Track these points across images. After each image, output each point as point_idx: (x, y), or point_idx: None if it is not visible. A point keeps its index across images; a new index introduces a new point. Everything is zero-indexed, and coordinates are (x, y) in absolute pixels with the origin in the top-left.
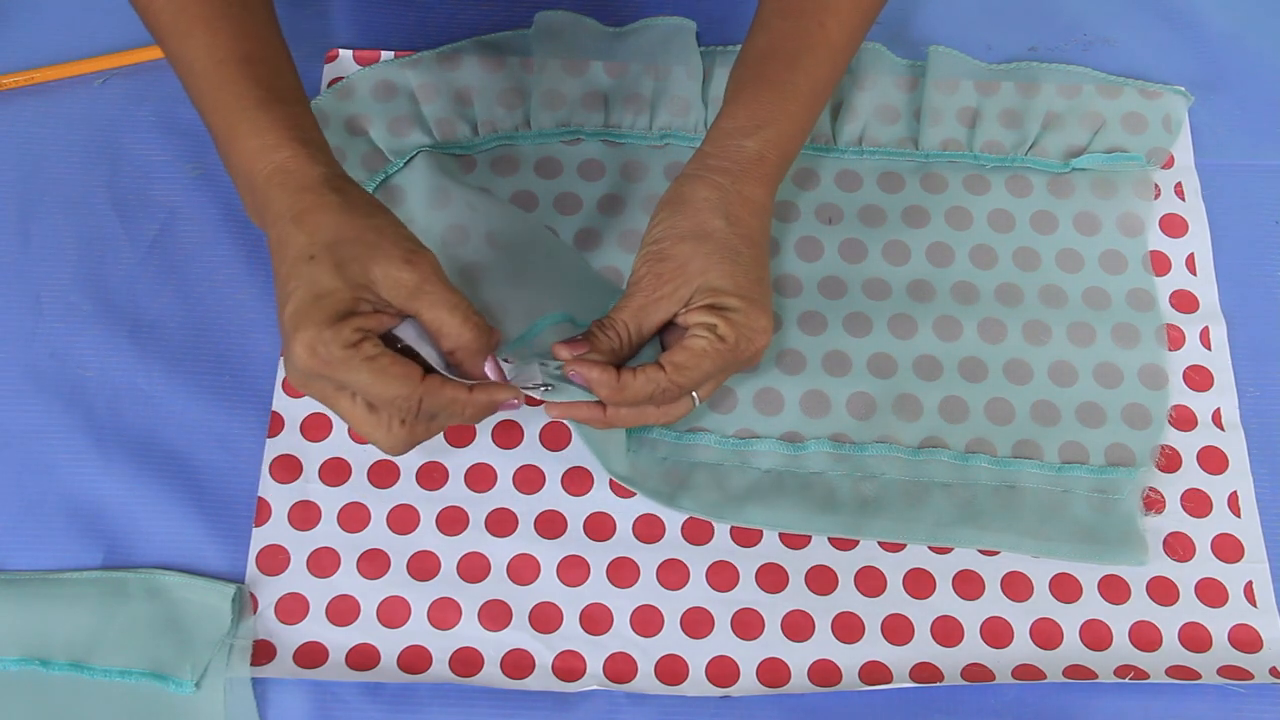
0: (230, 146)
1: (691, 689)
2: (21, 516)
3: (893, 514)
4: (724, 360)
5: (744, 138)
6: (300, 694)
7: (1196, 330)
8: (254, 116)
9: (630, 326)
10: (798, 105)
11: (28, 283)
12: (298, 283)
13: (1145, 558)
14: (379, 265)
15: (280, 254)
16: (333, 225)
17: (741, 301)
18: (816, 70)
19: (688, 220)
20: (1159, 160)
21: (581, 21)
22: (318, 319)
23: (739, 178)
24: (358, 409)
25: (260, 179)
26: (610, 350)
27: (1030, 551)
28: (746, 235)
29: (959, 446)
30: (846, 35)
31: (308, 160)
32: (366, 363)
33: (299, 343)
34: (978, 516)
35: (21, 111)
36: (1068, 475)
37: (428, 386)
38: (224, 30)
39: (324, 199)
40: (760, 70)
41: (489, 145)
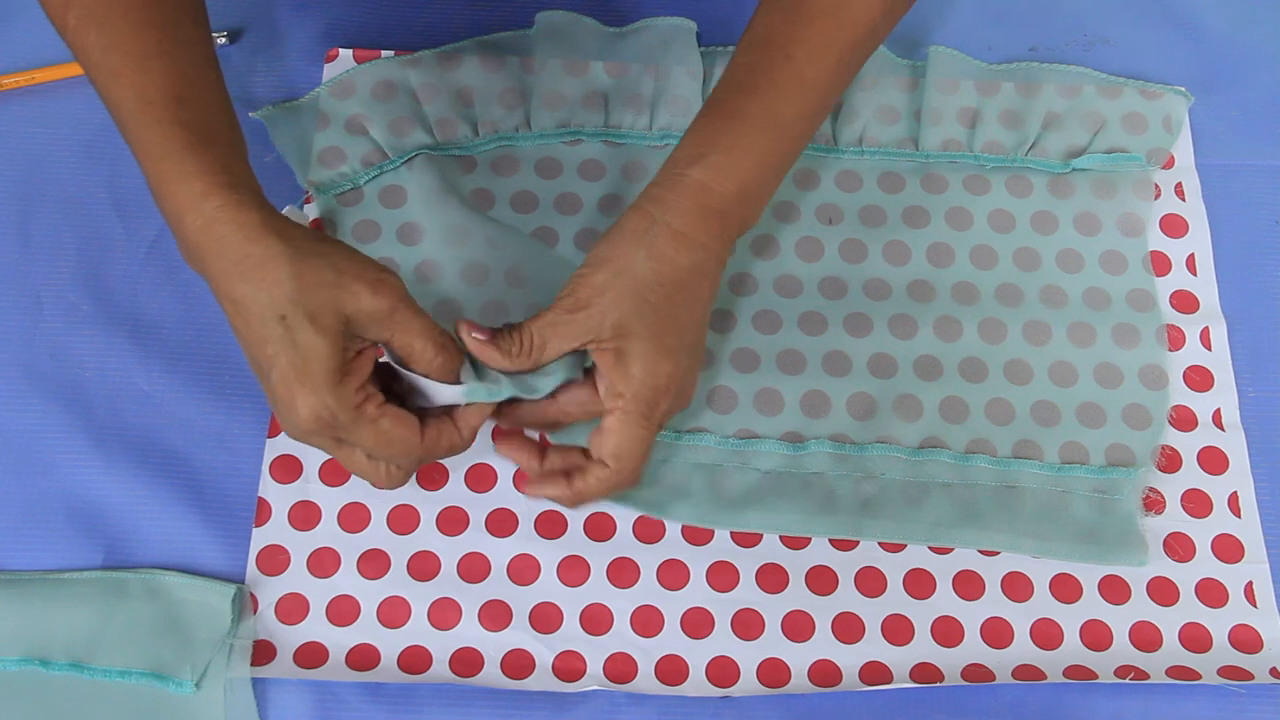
0: (160, 192)
1: (691, 689)
2: (21, 516)
3: (892, 514)
4: (642, 419)
5: (686, 166)
6: (300, 694)
7: (1196, 330)
8: (183, 162)
9: (535, 339)
10: (753, 134)
11: (28, 283)
12: (276, 347)
13: (1145, 558)
14: (349, 303)
15: (242, 315)
16: (289, 277)
17: (643, 344)
18: (778, 101)
19: (611, 250)
20: (1159, 160)
21: (582, 21)
22: (316, 383)
23: (671, 209)
24: (356, 457)
25: (194, 230)
26: (507, 352)
27: (1030, 552)
28: (663, 273)
29: (959, 447)
30: (817, 69)
31: (240, 207)
32: (370, 426)
33: (303, 408)
34: (978, 517)
35: (21, 111)
36: (1068, 475)
37: (428, 444)
38: (155, 69)
39: (270, 249)
40: (716, 100)
41: (489, 146)
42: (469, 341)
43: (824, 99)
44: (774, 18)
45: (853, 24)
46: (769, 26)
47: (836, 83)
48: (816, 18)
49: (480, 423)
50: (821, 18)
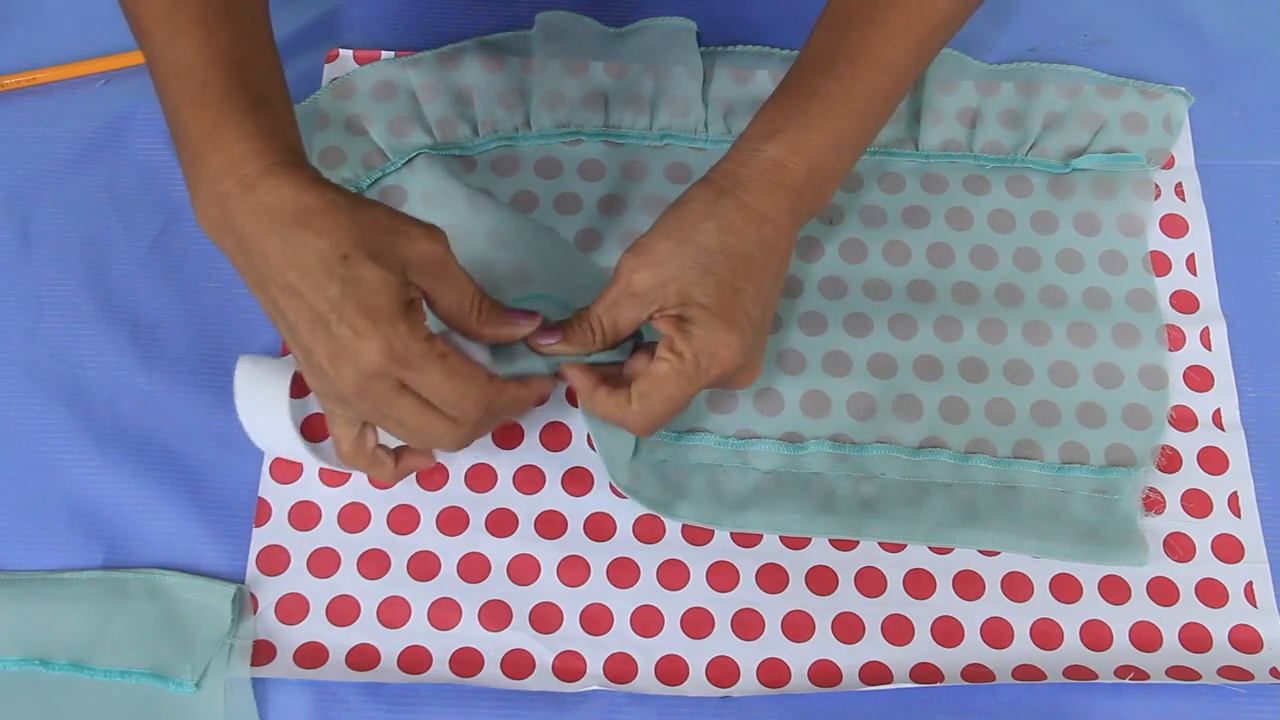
0: (209, 149)
1: (691, 689)
2: (21, 516)
3: (892, 515)
4: (687, 382)
5: (760, 142)
6: (300, 694)
7: (1196, 330)
8: (241, 120)
9: (604, 321)
10: (828, 113)
11: (28, 283)
12: (341, 285)
13: (1145, 558)
14: (407, 246)
15: (293, 263)
16: (349, 221)
17: (706, 314)
18: (854, 82)
19: (676, 220)
20: (1159, 160)
21: (582, 21)
22: (387, 315)
23: (744, 184)
24: (418, 409)
25: (241, 185)
26: (582, 343)
27: (1030, 552)
28: (730, 244)
29: (959, 447)
30: (895, 51)
31: (297, 165)
32: (440, 361)
33: (375, 340)
34: (978, 517)
35: (22, 111)
36: (1068, 475)
37: (495, 389)
38: (220, 32)
39: (326, 197)
40: (790, 79)
41: (489, 146)
42: (543, 350)
43: (900, 82)
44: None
45: (932, 10)
46: (847, 6)
47: (913, 67)
48: (896, 1)
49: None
50: (901, 2)
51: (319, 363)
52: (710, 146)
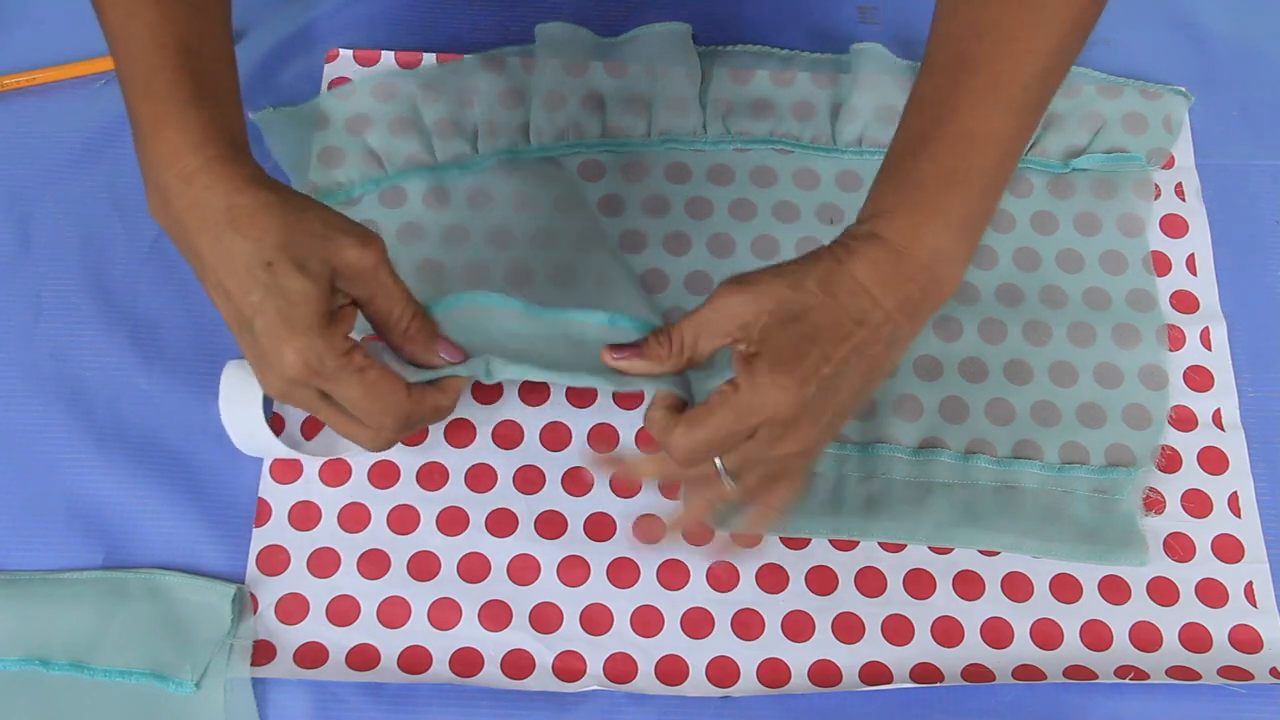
0: (151, 137)
1: (691, 689)
2: (21, 516)
3: (895, 515)
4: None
5: (869, 221)
6: (300, 694)
7: (1196, 330)
8: (184, 111)
9: (687, 337)
10: (926, 192)
11: (28, 283)
12: (263, 292)
13: (1145, 558)
14: (336, 254)
15: (223, 265)
16: (278, 225)
17: (774, 357)
18: (947, 156)
19: (791, 266)
20: (1159, 161)
21: (579, 33)
22: (303, 327)
23: (853, 254)
24: (342, 416)
25: (180, 177)
26: (658, 359)
27: (1031, 552)
28: (827, 308)
29: (959, 447)
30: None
31: (234, 162)
32: (357, 375)
33: (290, 352)
34: (978, 517)
35: (21, 111)
36: (1068, 475)
37: (414, 402)
38: (173, 15)
39: (259, 198)
40: (891, 164)
41: (489, 163)
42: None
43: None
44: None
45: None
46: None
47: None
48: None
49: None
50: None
51: (254, 358)
52: (710, 148)
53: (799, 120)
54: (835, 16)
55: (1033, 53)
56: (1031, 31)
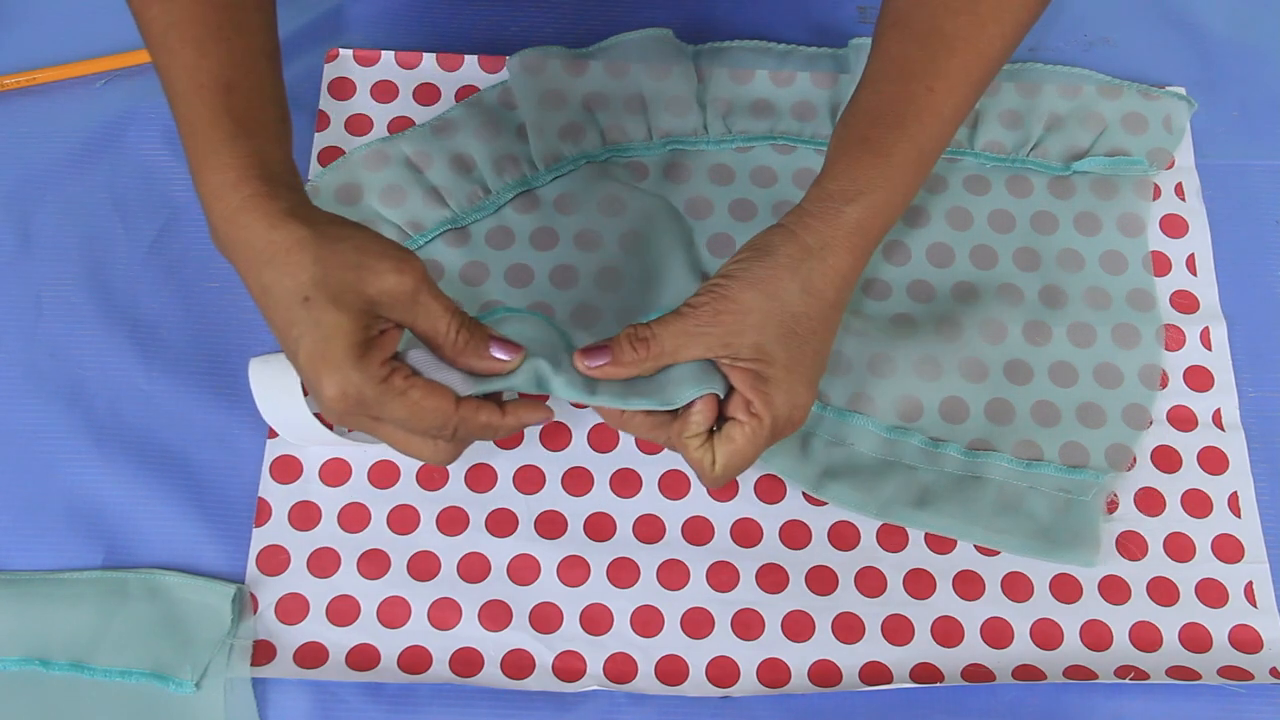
0: (197, 178)
1: (691, 689)
2: (21, 516)
3: (852, 483)
4: (765, 443)
5: (845, 203)
6: (300, 694)
7: (1196, 330)
8: (220, 150)
9: (667, 348)
10: (900, 174)
11: (28, 283)
12: (301, 329)
13: (1094, 559)
14: (372, 283)
15: (266, 301)
16: (311, 260)
17: (786, 376)
18: (921, 137)
19: (765, 271)
20: (1160, 162)
21: (551, 52)
22: (338, 361)
23: (830, 246)
24: (398, 434)
25: (223, 217)
26: (632, 364)
27: (979, 540)
28: (815, 308)
29: (942, 438)
30: (954, 103)
31: (269, 198)
32: (400, 398)
33: (329, 387)
34: (932, 502)
35: (21, 111)
36: (1034, 472)
37: (462, 415)
38: (212, 53)
39: (293, 234)
40: (865, 133)
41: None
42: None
43: (955, 129)
44: (909, 46)
45: (989, 53)
46: (906, 56)
47: (967, 112)
48: (956, 48)
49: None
50: (961, 47)
51: None
52: (711, 148)
53: (799, 120)
54: (835, 15)
55: (1001, 37)
56: (1001, 14)
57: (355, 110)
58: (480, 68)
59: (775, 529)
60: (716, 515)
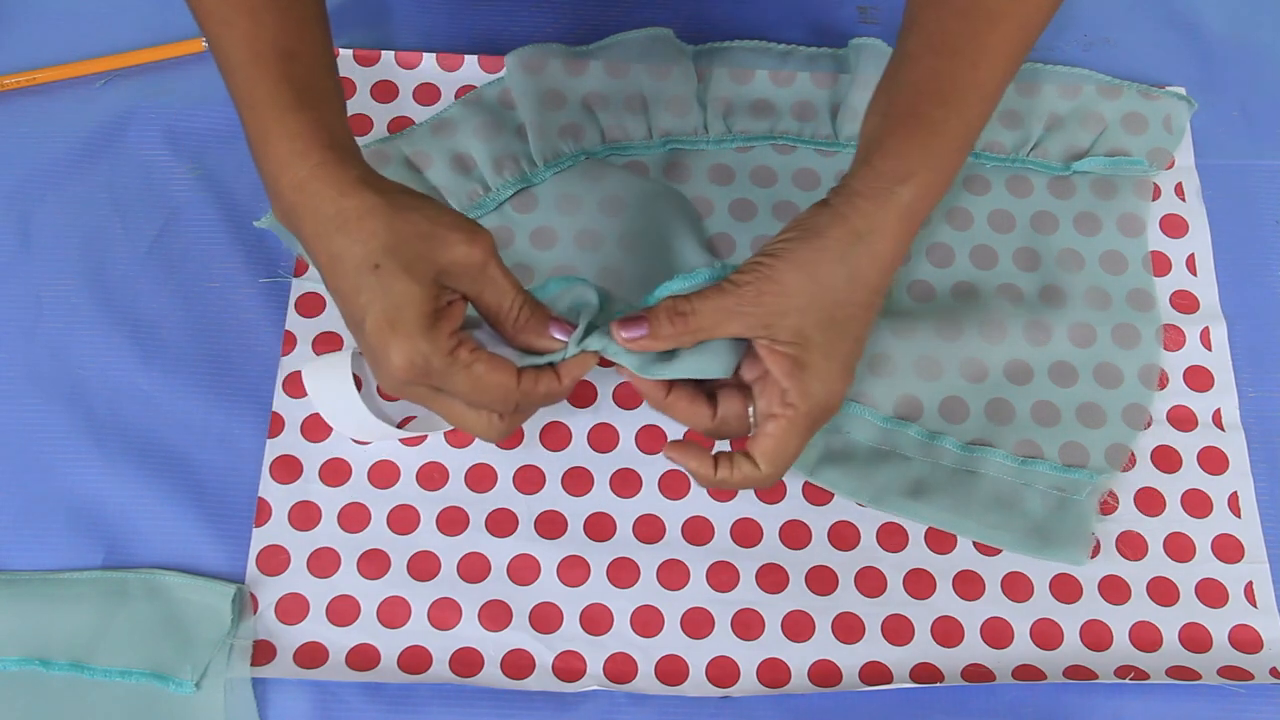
0: (261, 149)
1: (691, 689)
2: (21, 516)
3: (846, 471)
4: (807, 431)
5: (897, 183)
6: (300, 694)
7: (1196, 330)
8: (285, 119)
9: (705, 323)
10: (948, 153)
11: (28, 283)
12: (370, 295)
13: (1084, 558)
14: (443, 253)
15: (335, 268)
16: (384, 228)
17: (825, 363)
18: (969, 114)
19: (812, 254)
20: (1161, 162)
21: (550, 50)
22: (409, 330)
23: (879, 230)
24: (456, 407)
25: (291, 187)
26: (670, 338)
27: (970, 535)
28: (860, 296)
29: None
30: (998, 79)
31: (339, 165)
32: (464, 371)
33: (397, 355)
34: (925, 493)
35: (21, 111)
36: (1030, 470)
37: (524, 389)
38: (268, 22)
39: (366, 202)
40: (913, 108)
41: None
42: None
43: (995, 108)
44: (949, 20)
45: (1029, 26)
46: (946, 29)
47: (1007, 87)
48: (999, 22)
49: (582, 373)
50: (1004, 22)
51: (366, 359)
52: (711, 148)
53: (799, 120)
54: (835, 16)
55: (1042, 9)
56: None
57: (355, 110)
58: (480, 68)
59: (775, 529)
60: (716, 515)
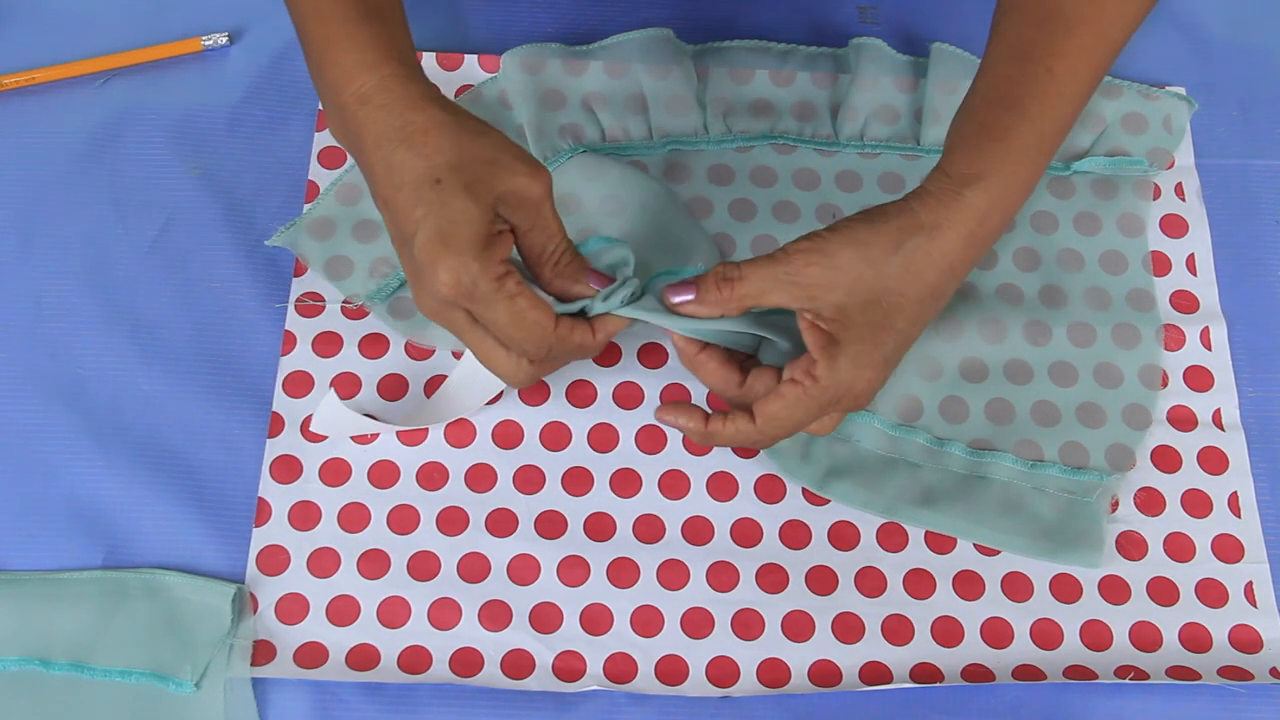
0: (324, 59)
1: (691, 689)
2: (21, 516)
3: (856, 481)
4: (819, 408)
5: (964, 185)
6: (300, 694)
7: (1196, 330)
8: (352, 31)
9: (752, 290)
10: (1020, 158)
11: (28, 283)
12: (427, 209)
13: (1098, 560)
14: (505, 180)
15: (392, 179)
16: (450, 145)
17: (858, 344)
18: (1042, 120)
19: (870, 234)
20: (1160, 162)
21: (549, 50)
22: (461, 247)
23: (943, 226)
24: (487, 343)
25: (356, 98)
26: (716, 304)
27: (984, 541)
28: (911, 289)
29: (946, 437)
30: (1076, 85)
31: (408, 79)
32: (508, 301)
33: (445, 271)
34: (937, 500)
35: (21, 111)
36: (1039, 473)
37: (560, 334)
38: None
39: (434, 118)
40: (983, 118)
41: None
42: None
43: (1079, 112)
44: (1026, 28)
45: (1110, 33)
46: (1022, 38)
47: (1091, 92)
48: (1076, 28)
49: (616, 331)
50: (1081, 28)
51: (408, 278)
52: (711, 148)
53: (799, 120)
54: (835, 16)
55: (1125, 15)
56: None
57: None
58: (480, 68)
59: (775, 529)
60: (716, 515)
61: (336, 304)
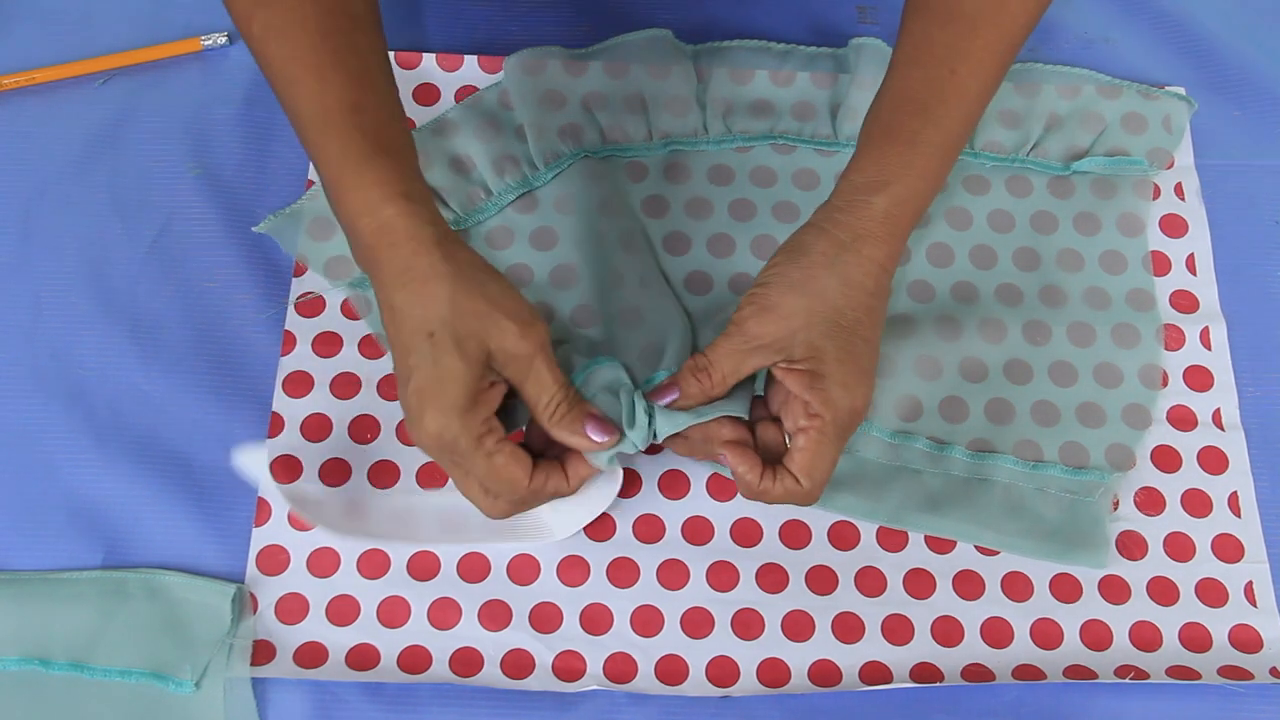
0: (337, 198)
1: (691, 689)
2: (21, 516)
3: (858, 491)
4: (839, 440)
5: (871, 194)
6: (300, 694)
7: (1196, 330)
8: (358, 170)
9: (726, 370)
10: (926, 160)
11: (28, 283)
12: (418, 359)
13: (1104, 560)
14: (495, 338)
15: (393, 318)
16: (446, 298)
17: (840, 370)
18: (947, 121)
19: (800, 272)
20: (1160, 162)
21: (550, 53)
22: (445, 406)
23: (862, 237)
24: (469, 480)
25: (366, 237)
26: (700, 394)
27: (989, 544)
28: (857, 299)
29: (945, 440)
30: (980, 83)
31: (413, 219)
32: (486, 459)
33: (428, 425)
34: (941, 505)
35: (21, 111)
36: (1041, 474)
37: (533, 488)
38: (333, 80)
39: (435, 268)
40: (889, 122)
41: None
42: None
43: (983, 109)
44: (931, 29)
45: (1012, 30)
46: (928, 37)
47: (994, 91)
48: (980, 28)
49: (589, 475)
50: (985, 28)
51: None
52: (711, 148)
53: (799, 120)
54: (834, 16)
55: (1026, 13)
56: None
57: None
58: (480, 68)
59: (775, 529)
60: (716, 515)
61: (337, 304)
